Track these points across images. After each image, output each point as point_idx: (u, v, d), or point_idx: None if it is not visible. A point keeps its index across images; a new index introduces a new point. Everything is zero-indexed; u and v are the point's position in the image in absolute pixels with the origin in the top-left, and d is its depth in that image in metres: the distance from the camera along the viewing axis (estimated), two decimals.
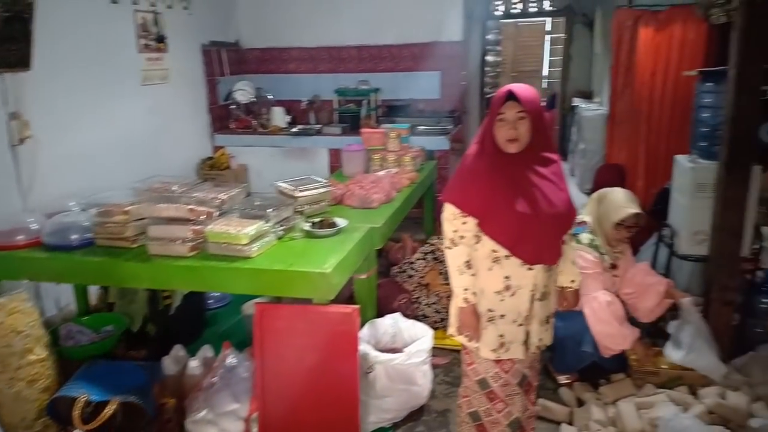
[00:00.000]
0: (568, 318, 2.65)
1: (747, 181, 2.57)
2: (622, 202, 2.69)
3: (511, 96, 1.84)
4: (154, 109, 4.39)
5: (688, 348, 2.66)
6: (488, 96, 7.07)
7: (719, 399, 2.41)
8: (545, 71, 9.90)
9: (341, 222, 2.69)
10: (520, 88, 1.86)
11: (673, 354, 2.69)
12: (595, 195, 2.83)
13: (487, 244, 1.91)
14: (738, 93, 2.54)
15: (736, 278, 2.69)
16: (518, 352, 1.98)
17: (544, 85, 9.96)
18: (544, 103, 8.39)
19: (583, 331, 2.69)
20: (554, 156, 1.97)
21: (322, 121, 5.50)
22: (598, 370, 2.78)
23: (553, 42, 9.54)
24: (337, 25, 5.57)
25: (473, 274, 1.95)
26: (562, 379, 2.84)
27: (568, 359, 2.78)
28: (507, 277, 1.92)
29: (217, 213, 2.49)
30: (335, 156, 4.99)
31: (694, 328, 2.70)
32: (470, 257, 1.95)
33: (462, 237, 1.93)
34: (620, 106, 5.33)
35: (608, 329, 2.63)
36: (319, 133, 5.28)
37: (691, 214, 2.81)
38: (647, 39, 5.13)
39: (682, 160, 2.95)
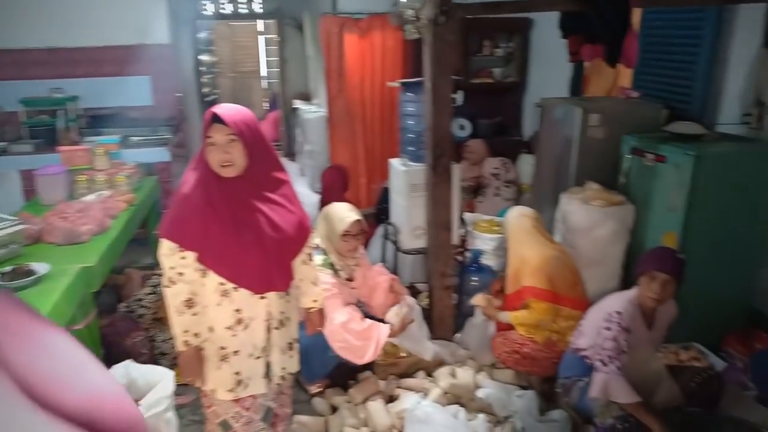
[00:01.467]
0: None
1: (450, 180, 2.90)
2: (342, 213, 2.80)
3: (217, 118, 1.72)
4: None
5: (405, 334, 2.89)
6: (207, 99, 6.77)
7: (451, 378, 2.69)
8: (264, 72, 9.93)
9: (40, 267, 2.25)
10: (227, 110, 1.74)
11: (402, 342, 2.90)
12: (320, 215, 2.90)
13: (214, 277, 1.78)
14: (434, 103, 2.84)
15: (451, 265, 3.03)
16: (259, 387, 1.89)
17: (265, 85, 10.00)
18: (268, 107, 8.52)
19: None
20: (284, 176, 1.91)
21: (7, 137, 4.58)
22: (346, 371, 2.86)
23: (268, 43, 9.61)
24: (21, 24, 4.68)
25: (195, 314, 1.81)
26: (313, 388, 2.85)
27: (315, 367, 2.79)
28: (238, 310, 1.81)
29: None
30: (29, 180, 4.20)
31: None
32: (193, 294, 1.80)
33: (181, 274, 1.77)
34: (336, 109, 5.60)
35: (347, 346, 2.70)
36: (5, 152, 4.38)
37: (408, 212, 3.08)
38: (353, 45, 5.47)
39: (395, 164, 3.20)
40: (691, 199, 2.97)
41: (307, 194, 5.75)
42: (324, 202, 4.27)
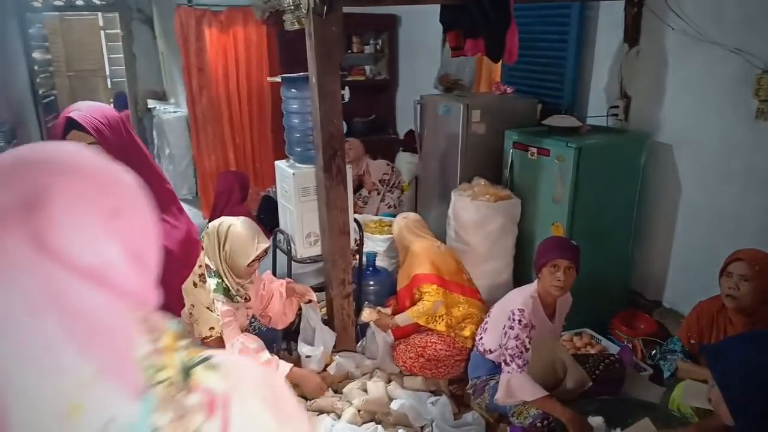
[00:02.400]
0: None
1: (345, 181, 2.71)
2: (249, 238, 2.48)
3: (73, 123, 1.40)
4: None
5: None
6: (45, 100, 5.91)
7: (363, 394, 2.51)
8: (108, 70, 8.99)
9: None
10: (85, 112, 1.43)
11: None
12: (208, 234, 2.51)
13: None
14: (322, 99, 2.63)
15: (350, 271, 2.85)
16: None
17: (110, 85, 9.06)
18: (114, 108, 7.64)
19: None
20: (164, 183, 1.63)
21: None
22: None
23: (110, 39, 8.69)
24: None
25: None
26: None
27: None
28: None
29: None
30: None
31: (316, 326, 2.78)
32: None
33: None
34: (200, 108, 5.16)
35: None
36: None
37: (300, 218, 2.84)
38: (213, 39, 5.08)
39: (282, 166, 2.94)
40: (574, 189, 3.08)
41: None
42: (215, 210, 3.88)
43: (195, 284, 1.75)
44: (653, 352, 2.94)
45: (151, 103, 6.87)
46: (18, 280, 0.45)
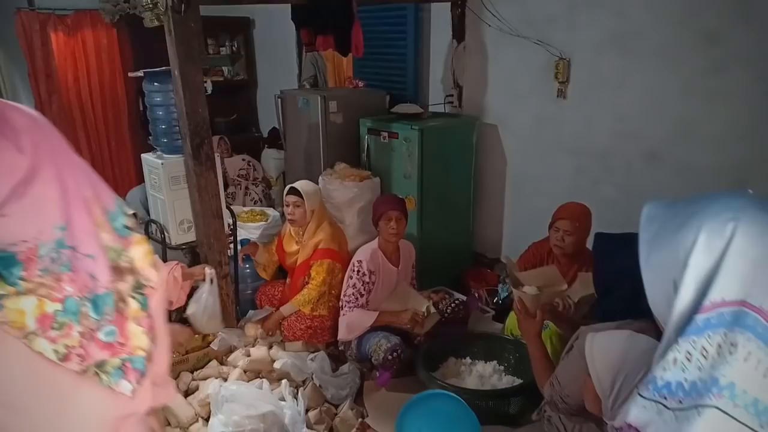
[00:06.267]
0: None
1: (214, 167, 2.90)
2: None
3: None
4: None
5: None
6: None
7: (246, 358, 2.73)
8: None
9: None
10: None
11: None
12: None
13: None
14: (185, 90, 2.80)
15: (226, 253, 3.04)
16: None
17: None
18: None
19: None
20: None
21: None
22: None
23: None
24: None
25: None
26: None
27: None
28: None
29: None
30: None
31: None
32: None
33: None
34: (50, 115, 4.98)
35: None
36: None
37: (172, 207, 2.97)
38: (61, 44, 4.95)
39: (149, 158, 3.05)
40: (421, 166, 3.53)
41: None
42: None
43: None
44: (494, 299, 3.48)
45: None
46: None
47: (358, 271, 2.85)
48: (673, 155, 2.94)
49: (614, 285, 1.76)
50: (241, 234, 3.64)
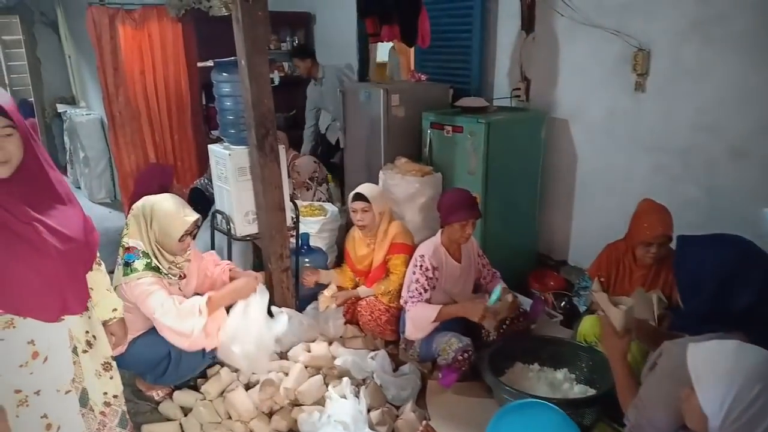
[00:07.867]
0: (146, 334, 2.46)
1: (278, 159, 2.87)
2: (177, 212, 2.44)
3: None
4: None
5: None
6: None
7: (307, 353, 2.68)
8: (6, 78, 8.50)
9: None
10: None
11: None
12: (134, 216, 2.46)
13: None
14: (252, 80, 2.78)
15: (287, 246, 3.01)
16: (75, 427, 1.63)
17: (9, 93, 8.57)
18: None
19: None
20: (58, 172, 1.62)
21: None
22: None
23: (8, 45, 8.24)
24: None
25: None
26: (156, 394, 2.59)
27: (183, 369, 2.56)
28: (31, 342, 1.52)
29: None
30: None
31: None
32: None
33: None
34: (117, 108, 5.10)
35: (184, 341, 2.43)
36: None
37: (238, 198, 2.96)
38: (128, 38, 5.06)
39: (216, 149, 3.05)
40: (486, 162, 3.40)
41: (88, 207, 5.13)
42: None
43: (92, 268, 1.74)
44: (562, 302, 3.31)
45: (62, 108, 6.65)
46: None
47: (421, 266, 2.74)
48: (759, 151, 2.72)
49: (700, 288, 1.63)
50: (301, 228, 3.60)
